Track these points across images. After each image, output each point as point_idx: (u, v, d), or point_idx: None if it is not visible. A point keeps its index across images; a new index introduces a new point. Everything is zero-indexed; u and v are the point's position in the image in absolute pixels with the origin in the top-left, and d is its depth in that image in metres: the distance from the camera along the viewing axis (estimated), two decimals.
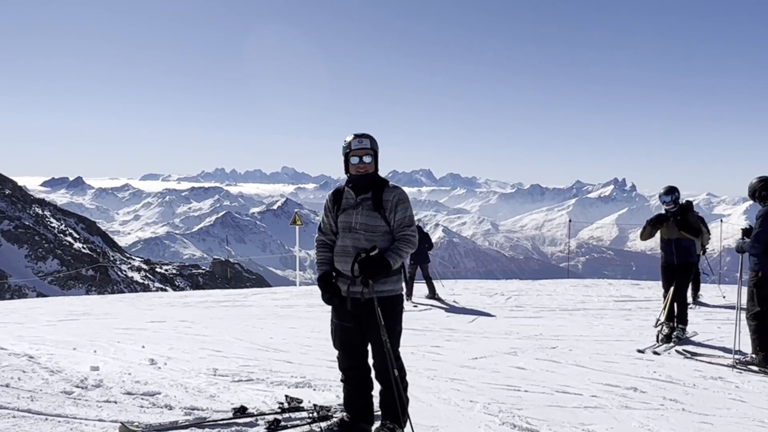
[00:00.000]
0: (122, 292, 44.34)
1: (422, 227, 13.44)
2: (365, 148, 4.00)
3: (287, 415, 4.54)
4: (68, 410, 4.34)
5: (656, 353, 7.19)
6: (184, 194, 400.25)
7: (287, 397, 4.88)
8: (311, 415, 4.51)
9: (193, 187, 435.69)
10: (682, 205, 8.11)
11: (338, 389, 5.39)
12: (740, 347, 6.86)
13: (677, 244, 8.03)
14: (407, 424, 3.96)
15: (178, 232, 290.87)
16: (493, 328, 9.16)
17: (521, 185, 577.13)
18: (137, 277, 54.77)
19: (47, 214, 60.61)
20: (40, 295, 40.63)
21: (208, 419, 4.37)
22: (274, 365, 6.51)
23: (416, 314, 10.65)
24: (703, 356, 7.02)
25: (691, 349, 7.41)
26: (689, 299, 10.18)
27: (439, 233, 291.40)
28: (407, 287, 12.34)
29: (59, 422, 4.09)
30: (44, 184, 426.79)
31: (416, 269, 12.52)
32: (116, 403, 4.66)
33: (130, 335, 8.68)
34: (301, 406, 4.70)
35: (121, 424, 4.06)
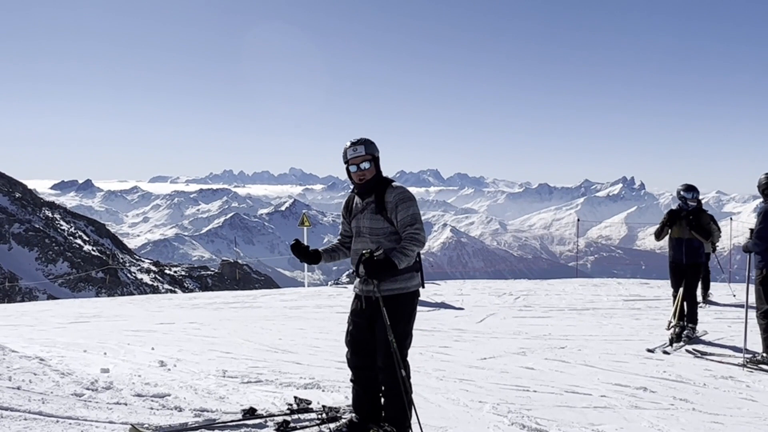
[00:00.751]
0: (132, 293, 44.57)
1: None
2: (360, 155, 4.02)
3: (296, 416, 4.55)
4: (79, 412, 4.36)
5: (666, 353, 7.15)
6: (192, 196, 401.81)
7: (296, 398, 4.89)
8: (320, 416, 4.52)
9: (201, 189, 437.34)
10: (698, 205, 8.05)
11: (347, 390, 5.40)
12: (750, 346, 6.83)
13: (687, 243, 7.98)
14: (411, 428, 3.95)
15: (186, 233, 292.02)
16: (501, 328, 9.14)
17: (529, 184, 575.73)
18: (147, 278, 55.05)
19: (57, 216, 60.99)
20: (50, 297, 40.91)
21: (217, 421, 4.38)
22: (282, 366, 6.53)
23: (425, 314, 10.65)
24: (713, 355, 6.98)
25: (701, 348, 7.37)
26: (699, 298, 10.13)
27: (447, 233, 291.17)
28: None
29: (70, 424, 4.12)
30: (54, 187, 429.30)
31: None
32: (126, 404, 4.69)
33: (139, 337, 8.72)
34: (310, 407, 4.71)
35: (131, 426, 4.08)
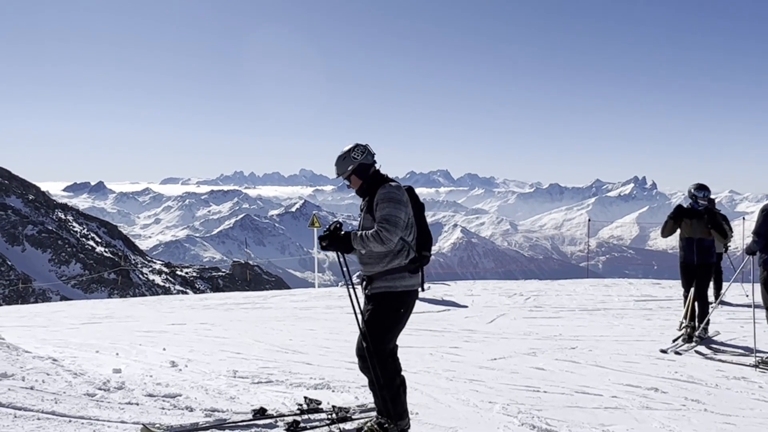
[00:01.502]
0: (143, 295, 44.81)
1: None
2: (338, 174, 4.20)
3: (306, 416, 4.56)
4: (91, 412, 4.40)
5: (678, 353, 7.11)
6: (203, 197, 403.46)
7: (306, 398, 4.90)
8: (330, 416, 4.53)
9: (212, 190, 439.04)
10: (709, 205, 7.97)
11: (357, 391, 5.42)
12: (762, 346, 6.77)
13: (699, 243, 7.90)
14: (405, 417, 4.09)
15: (198, 235, 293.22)
16: (512, 328, 9.12)
17: (540, 185, 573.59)
18: (158, 280, 55.33)
19: (70, 218, 61.46)
20: (63, 298, 41.23)
21: (228, 421, 4.41)
22: (293, 367, 6.55)
23: (435, 315, 10.64)
24: (724, 355, 6.94)
25: (713, 348, 7.33)
26: (711, 298, 10.05)
27: (457, 234, 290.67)
28: None
29: (82, 424, 4.15)
30: (66, 189, 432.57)
31: None
32: (138, 405, 4.72)
33: (151, 338, 8.77)
34: (320, 407, 4.72)
35: (142, 425, 4.11)
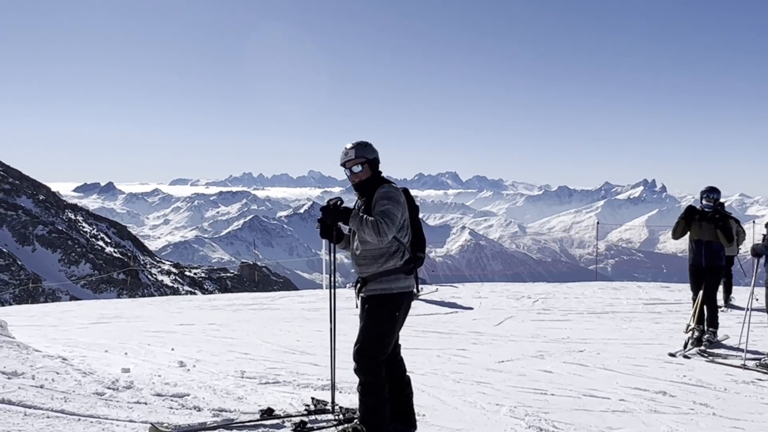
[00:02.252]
0: (152, 295, 44.97)
1: None
2: (351, 159, 4.08)
3: (313, 417, 4.58)
4: (100, 411, 4.43)
5: (687, 357, 7.08)
6: (212, 199, 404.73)
7: (313, 399, 4.92)
8: (337, 417, 4.54)
9: (221, 191, 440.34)
10: (716, 207, 7.92)
11: None
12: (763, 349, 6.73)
13: (708, 246, 7.84)
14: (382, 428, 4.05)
15: (206, 236, 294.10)
16: (519, 331, 9.10)
17: (548, 187, 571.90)
18: (167, 280, 55.55)
19: (80, 219, 61.84)
20: (73, 298, 41.43)
21: (235, 421, 4.42)
22: (300, 368, 6.56)
23: (442, 317, 10.64)
24: (733, 359, 6.89)
25: (722, 352, 7.28)
26: (721, 302, 9.98)
27: (465, 236, 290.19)
28: None
29: (91, 422, 4.18)
30: (77, 189, 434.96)
31: None
32: (146, 404, 4.75)
33: (160, 338, 8.81)
34: (327, 408, 4.73)
35: (151, 424, 4.14)
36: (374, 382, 4.00)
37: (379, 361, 4.01)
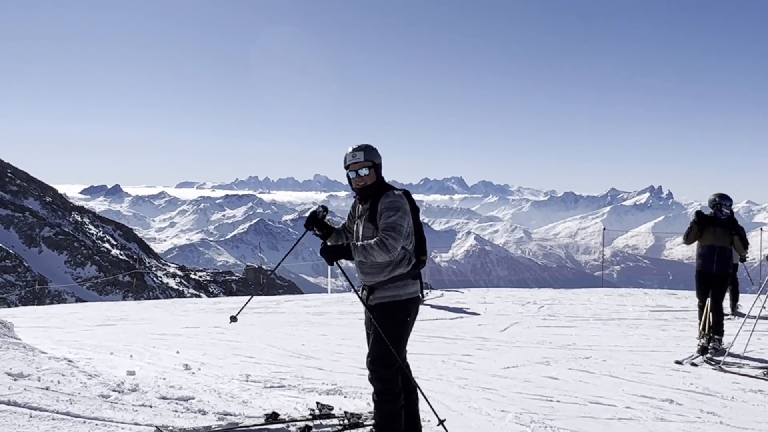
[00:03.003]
0: (158, 297, 45.09)
1: None
2: (359, 161, 3.97)
3: (318, 421, 4.57)
4: (105, 413, 4.43)
5: (694, 365, 7.03)
6: (218, 202, 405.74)
7: (318, 403, 4.91)
8: (342, 422, 4.53)
9: (227, 194, 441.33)
10: (732, 215, 7.88)
11: (369, 397, 5.40)
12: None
13: (720, 252, 7.78)
14: None
15: (212, 239, 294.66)
16: (525, 337, 9.07)
17: (554, 193, 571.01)
18: (172, 283, 55.67)
19: (86, 221, 62.08)
20: (78, 300, 41.58)
21: (240, 425, 4.42)
22: (305, 372, 6.56)
23: (448, 322, 10.62)
24: (741, 368, 6.85)
25: (730, 360, 7.24)
26: (727, 309, 9.93)
27: (471, 241, 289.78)
28: None
29: (97, 425, 4.18)
30: (83, 191, 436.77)
31: None
32: (151, 407, 4.75)
33: (165, 340, 8.83)
34: (332, 413, 4.72)
35: (156, 428, 4.14)
36: (391, 389, 3.94)
37: (395, 368, 3.95)
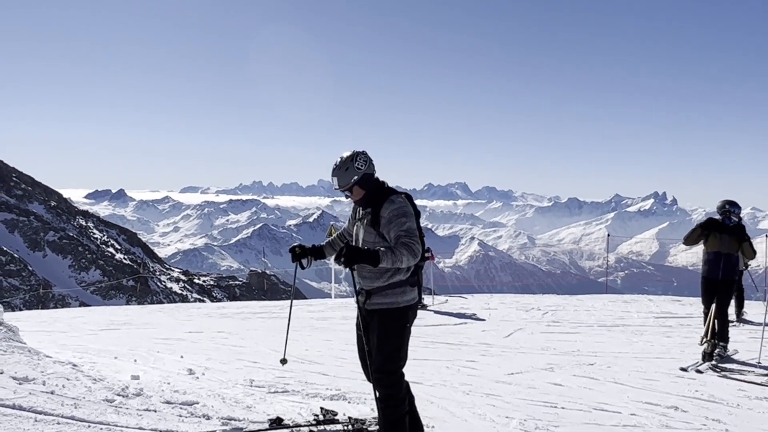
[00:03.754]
0: (161, 302, 45.14)
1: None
2: (341, 186, 3.90)
3: (322, 427, 4.57)
4: (110, 418, 4.44)
5: (699, 371, 7.01)
6: (222, 206, 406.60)
7: (322, 409, 4.91)
8: (346, 427, 4.53)
9: (231, 199, 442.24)
10: (740, 222, 7.87)
11: (373, 403, 5.40)
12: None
13: (727, 258, 7.76)
14: None
15: (216, 243, 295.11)
16: (529, 343, 9.05)
17: (558, 198, 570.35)
18: (176, 287, 55.73)
19: (90, 225, 62.25)
20: (82, 304, 41.65)
21: (244, 430, 4.42)
22: (309, 377, 6.55)
23: (451, 328, 10.60)
24: (746, 375, 6.82)
25: (735, 367, 7.21)
26: (733, 316, 9.90)
27: (474, 247, 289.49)
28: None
29: (101, 429, 4.19)
30: (88, 196, 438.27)
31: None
32: (156, 411, 4.75)
33: (169, 345, 8.84)
34: (336, 418, 4.72)
35: None
36: (396, 395, 3.91)
37: (399, 373, 3.93)
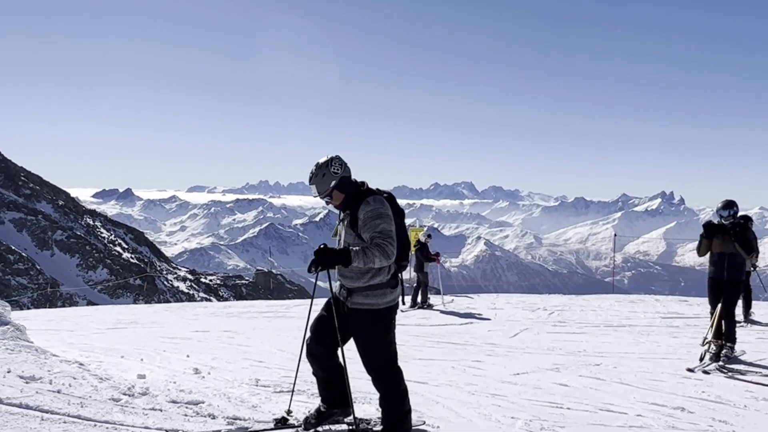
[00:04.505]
0: (168, 301, 45.28)
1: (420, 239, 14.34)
2: (321, 193, 3.99)
3: (327, 426, 4.56)
4: (116, 417, 4.45)
5: (706, 372, 6.97)
6: (228, 206, 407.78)
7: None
8: (351, 427, 4.53)
9: (237, 199, 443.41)
10: (740, 220, 7.83)
11: (378, 402, 5.40)
12: None
13: (730, 258, 7.74)
14: None
15: (222, 243, 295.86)
16: (535, 343, 9.03)
17: (565, 198, 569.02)
18: (183, 286, 55.91)
19: (98, 224, 62.54)
20: (90, 303, 41.84)
21: (249, 429, 4.43)
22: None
23: (457, 328, 10.59)
24: (753, 376, 6.78)
25: (742, 368, 7.17)
26: (740, 317, 9.84)
27: (481, 246, 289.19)
28: (415, 294, 13.65)
29: (107, 428, 4.20)
30: (95, 195, 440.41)
31: (421, 276, 13.81)
32: (161, 411, 4.77)
33: (175, 344, 8.86)
34: (341, 418, 4.71)
35: (165, 431, 4.15)
36: (396, 389, 4.00)
37: (395, 367, 4.05)
